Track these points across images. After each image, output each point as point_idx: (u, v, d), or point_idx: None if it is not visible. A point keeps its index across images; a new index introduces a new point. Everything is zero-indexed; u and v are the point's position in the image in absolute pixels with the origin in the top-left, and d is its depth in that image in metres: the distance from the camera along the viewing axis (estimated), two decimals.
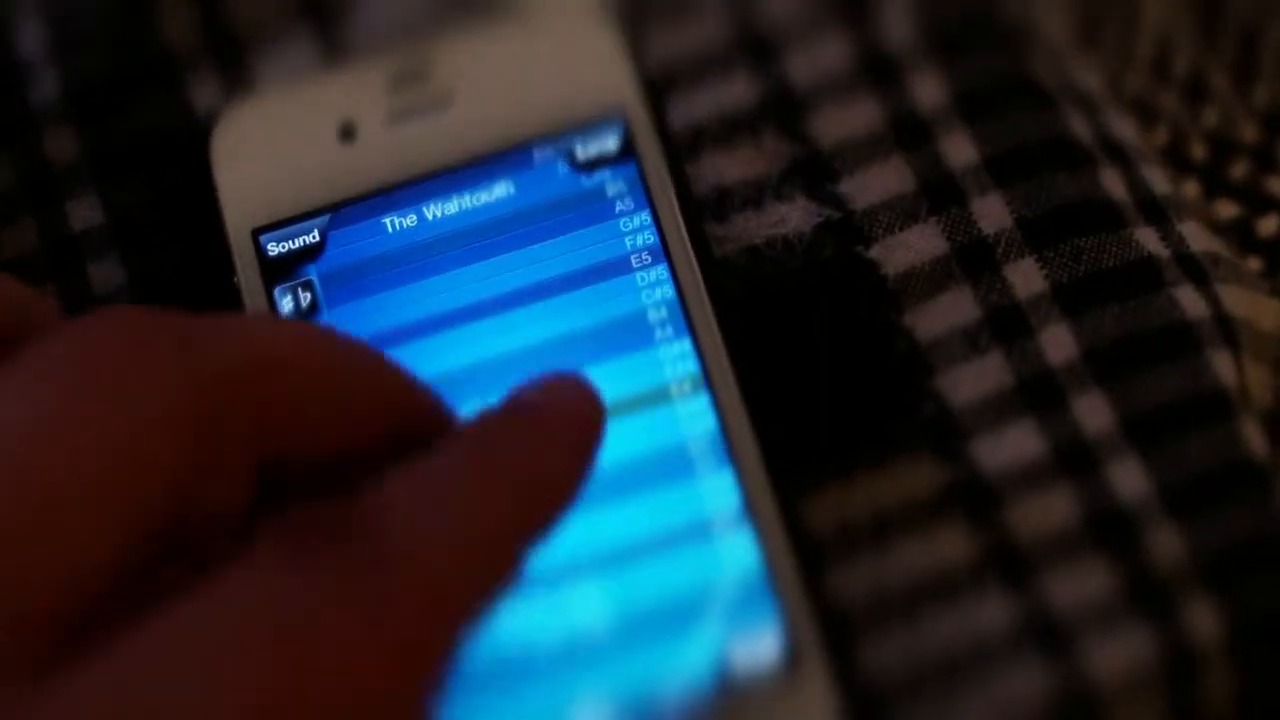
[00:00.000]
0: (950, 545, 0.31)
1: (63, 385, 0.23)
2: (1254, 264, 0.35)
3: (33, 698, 0.21)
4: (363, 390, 0.26)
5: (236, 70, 0.36)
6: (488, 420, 0.26)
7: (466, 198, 0.33)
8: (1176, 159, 0.36)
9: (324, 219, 0.33)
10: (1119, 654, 0.30)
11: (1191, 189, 0.36)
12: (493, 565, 0.25)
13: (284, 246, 0.33)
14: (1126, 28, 0.38)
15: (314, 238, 0.33)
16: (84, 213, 0.35)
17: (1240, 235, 0.36)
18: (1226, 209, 0.36)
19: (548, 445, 0.26)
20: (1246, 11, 0.38)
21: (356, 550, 0.23)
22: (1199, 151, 0.36)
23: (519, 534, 0.25)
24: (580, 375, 0.27)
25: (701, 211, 0.34)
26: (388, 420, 0.26)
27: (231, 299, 0.32)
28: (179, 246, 0.34)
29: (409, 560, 0.23)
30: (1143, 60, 0.37)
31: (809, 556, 0.30)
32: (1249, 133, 0.37)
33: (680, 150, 0.34)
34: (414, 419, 0.27)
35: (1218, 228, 0.35)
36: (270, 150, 0.34)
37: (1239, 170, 0.36)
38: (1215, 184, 0.36)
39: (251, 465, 0.25)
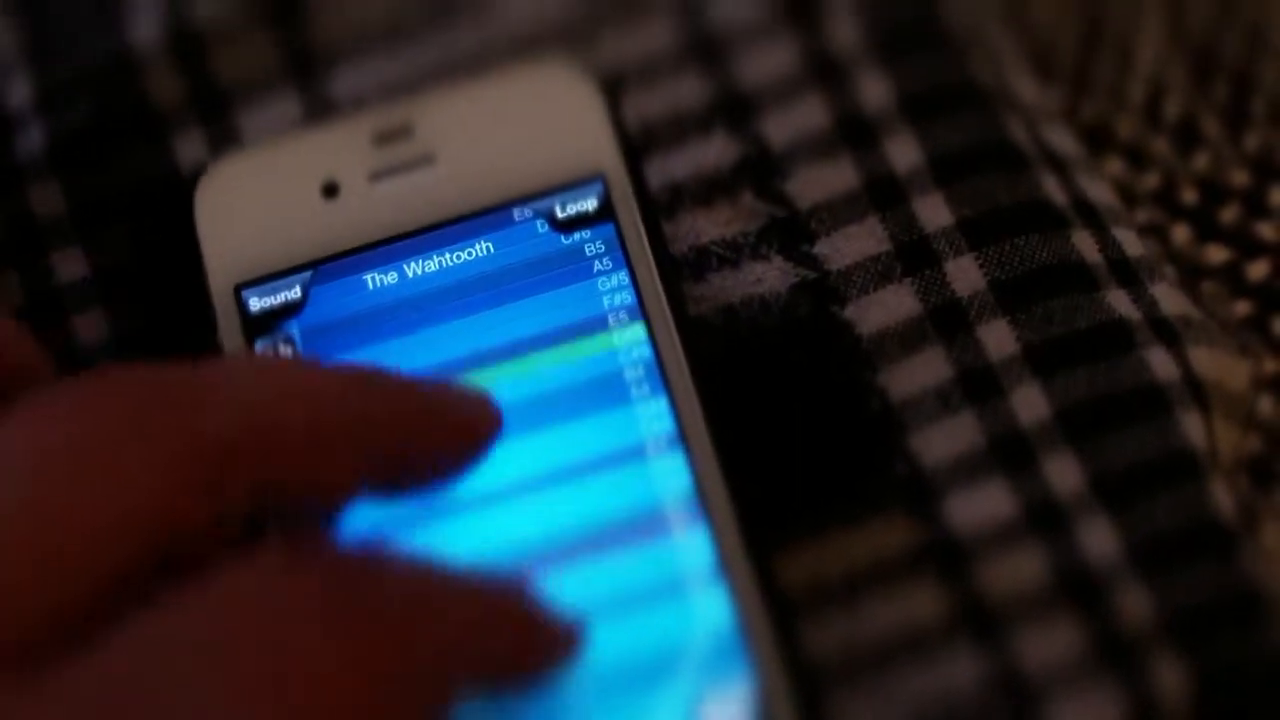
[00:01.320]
0: (922, 603, 0.31)
1: (60, 450, 0.24)
2: (1243, 308, 0.35)
3: (22, 691, 0.22)
4: (359, 437, 0.27)
5: (221, 126, 0.36)
6: None
7: (447, 255, 0.33)
8: (1167, 203, 0.37)
9: (306, 275, 0.33)
10: (1088, 713, 0.30)
11: (1182, 233, 0.36)
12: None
13: (266, 302, 0.33)
14: (1119, 72, 0.38)
15: (296, 294, 0.33)
16: (69, 266, 0.35)
17: (1230, 279, 0.36)
18: (1217, 253, 0.36)
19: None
20: (1238, 57, 0.38)
21: (350, 567, 0.25)
22: (1189, 196, 0.37)
23: None
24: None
25: (679, 271, 0.34)
26: (388, 456, 0.27)
27: (214, 354, 0.33)
28: (162, 301, 0.34)
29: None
30: (1135, 105, 0.38)
31: (782, 614, 0.30)
32: (1239, 178, 0.37)
33: (658, 210, 0.35)
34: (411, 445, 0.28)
35: (1207, 271, 0.36)
36: (253, 206, 0.34)
37: (1229, 214, 0.36)
38: (1205, 228, 0.36)
39: (244, 514, 0.26)
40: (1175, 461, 0.32)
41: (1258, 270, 0.36)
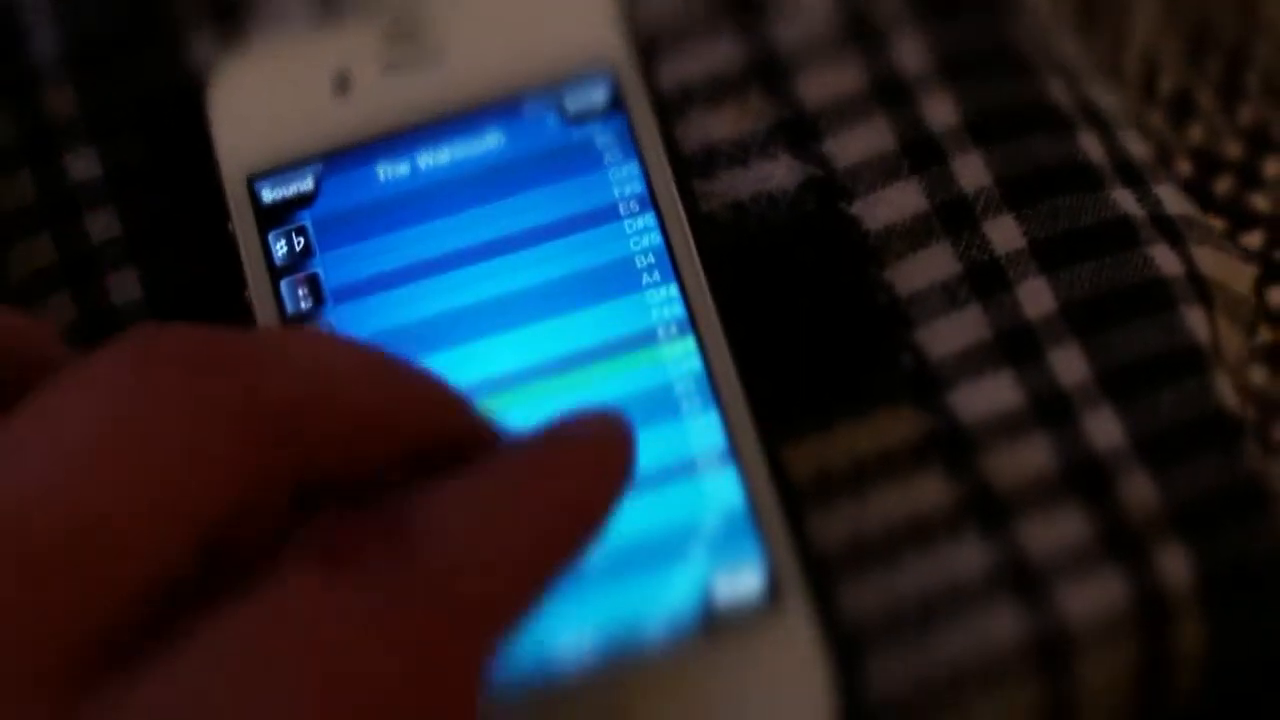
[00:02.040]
0: (928, 492, 0.31)
1: (119, 417, 0.23)
2: None
3: (75, 713, 0.21)
4: (410, 417, 0.26)
5: (233, 27, 0.37)
6: (527, 447, 0.26)
7: (458, 147, 0.33)
8: (1180, 189, 0.37)
9: (318, 166, 0.33)
10: (1092, 599, 0.30)
11: None
12: (523, 590, 0.25)
13: (278, 193, 0.33)
14: (1114, 46, 0.38)
15: (308, 185, 0.33)
16: (82, 165, 0.35)
17: None
18: (1212, 223, 0.36)
19: (583, 477, 0.26)
20: (1233, 31, 0.38)
21: (394, 569, 0.24)
22: (1184, 168, 0.37)
23: (551, 561, 0.25)
24: (616, 412, 0.27)
25: (689, 167, 0.34)
26: (430, 442, 0.26)
27: (227, 246, 0.33)
28: (175, 196, 0.35)
29: (446, 581, 0.24)
30: (1130, 78, 0.38)
31: (791, 495, 0.30)
32: (1233, 150, 0.37)
33: (669, 105, 0.35)
34: (454, 438, 0.27)
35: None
36: (266, 101, 0.34)
37: (1223, 186, 0.37)
38: (1200, 199, 0.36)
39: (293, 494, 0.25)
40: (1180, 354, 0.32)
41: (1252, 241, 0.36)
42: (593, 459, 0.26)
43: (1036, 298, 0.33)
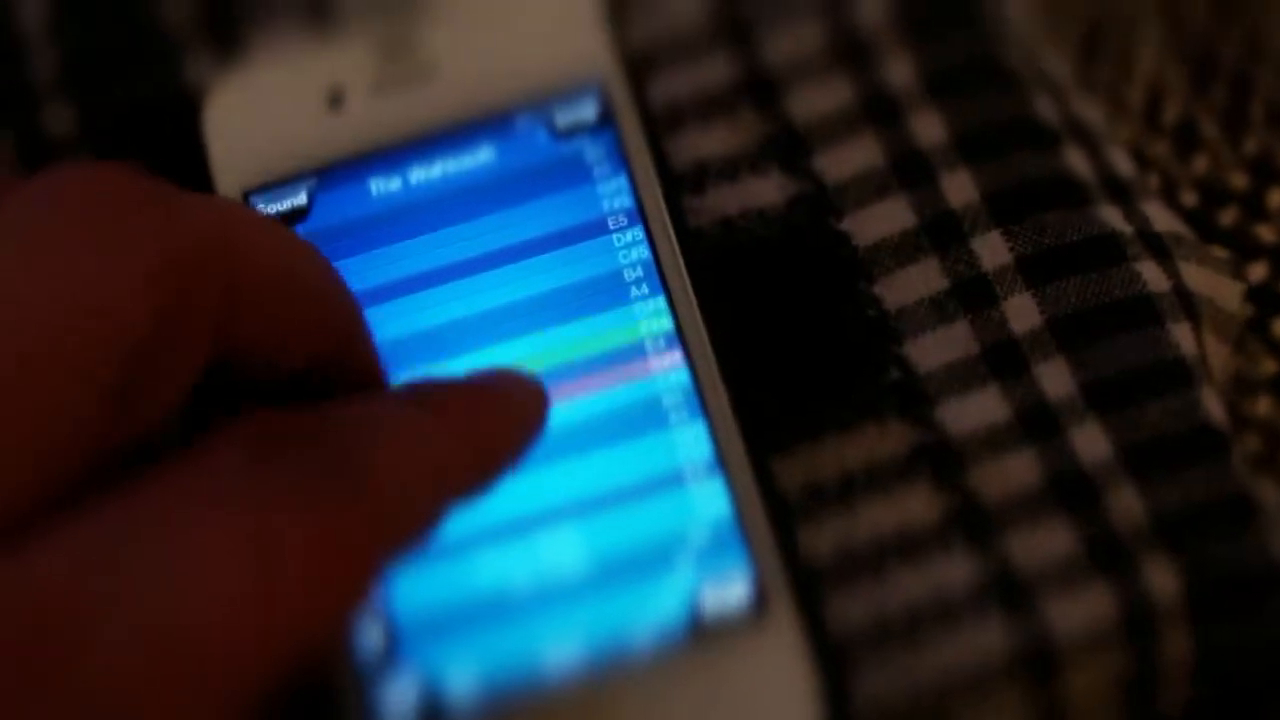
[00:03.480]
0: (916, 505, 0.31)
1: (42, 235, 0.23)
2: (1243, 310, 0.36)
3: None
4: (321, 302, 0.27)
5: (228, 45, 0.37)
6: (452, 382, 0.28)
7: (450, 162, 0.34)
8: (1167, 205, 0.37)
9: (311, 182, 0.34)
10: (1079, 612, 0.30)
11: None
12: (430, 507, 0.26)
13: (273, 208, 0.33)
14: (1119, 76, 0.38)
15: (302, 200, 0.34)
16: None
17: None
18: (1216, 255, 0.36)
19: (499, 423, 0.28)
20: (1237, 61, 0.39)
21: (320, 460, 0.24)
22: (1189, 198, 0.37)
23: (459, 486, 0.26)
24: (536, 376, 0.29)
25: (678, 182, 0.35)
26: (332, 348, 0.28)
27: None
28: None
29: (367, 483, 0.24)
30: (1135, 108, 0.38)
31: (778, 506, 0.30)
32: (1238, 180, 0.37)
33: (658, 121, 0.35)
34: (354, 362, 0.28)
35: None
36: (261, 117, 0.34)
37: (1228, 217, 0.37)
38: (1205, 230, 0.36)
39: (206, 344, 0.25)
40: (1166, 368, 0.32)
41: (1257, 272, 0.36)
42: (511, 410, 0.28)
43: (1024, 313, 0.33)
